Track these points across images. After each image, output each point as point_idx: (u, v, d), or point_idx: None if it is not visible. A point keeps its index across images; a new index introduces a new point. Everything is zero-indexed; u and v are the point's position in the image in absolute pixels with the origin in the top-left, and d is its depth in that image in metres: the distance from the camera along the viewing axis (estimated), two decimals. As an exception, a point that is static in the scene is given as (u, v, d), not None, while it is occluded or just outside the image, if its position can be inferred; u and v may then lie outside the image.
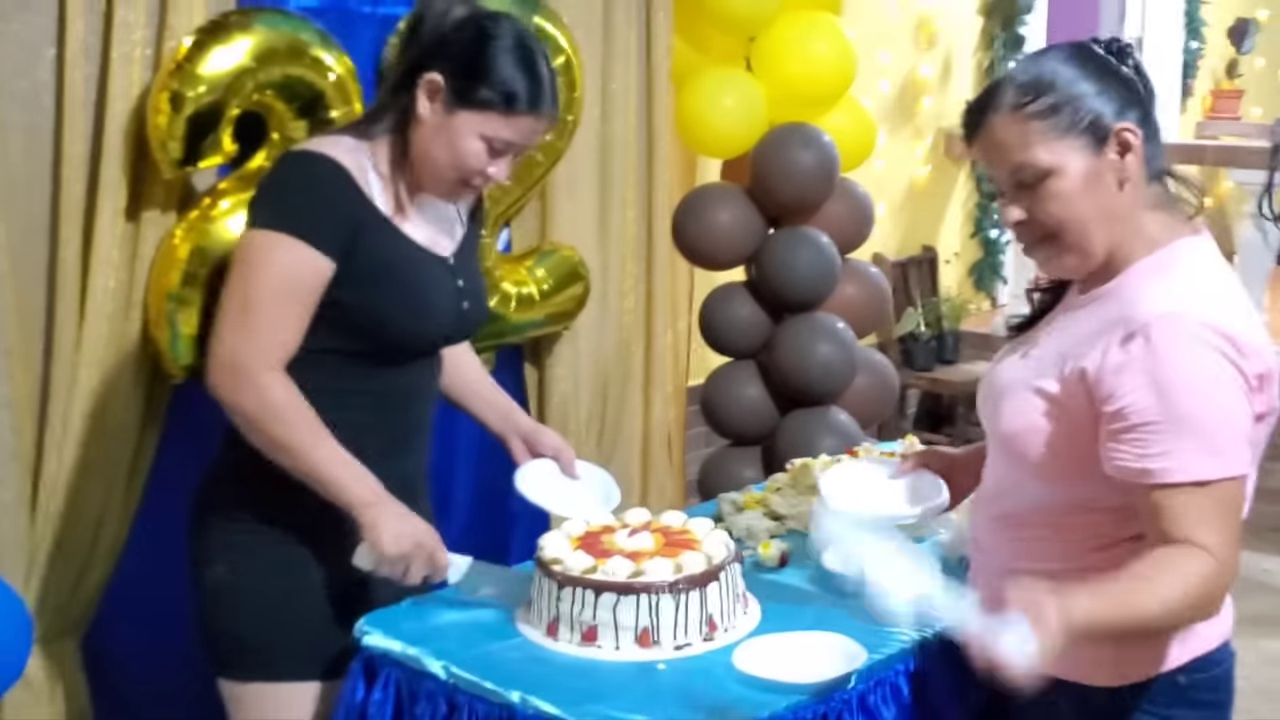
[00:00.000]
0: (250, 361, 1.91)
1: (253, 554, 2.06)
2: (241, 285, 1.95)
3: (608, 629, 1.90)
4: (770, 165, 3.52)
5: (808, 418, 3.59)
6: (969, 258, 6.51)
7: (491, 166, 2.00)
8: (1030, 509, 1.70)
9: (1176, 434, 1.52)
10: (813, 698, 1.77)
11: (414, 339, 2.08)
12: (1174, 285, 1.59)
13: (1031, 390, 1.66)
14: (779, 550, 2.25)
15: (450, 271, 2.10)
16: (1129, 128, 1.61)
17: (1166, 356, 1.53)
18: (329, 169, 1.96)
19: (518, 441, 2.31)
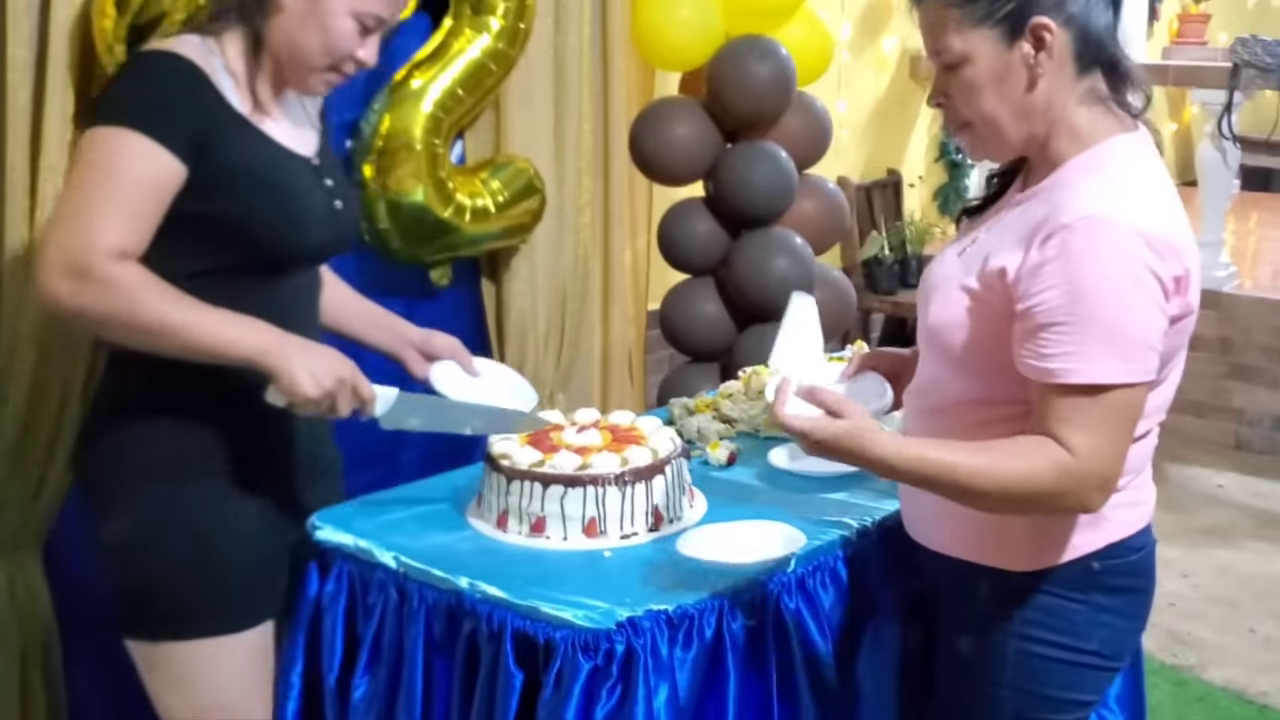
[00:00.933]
0: (86, 258, 1.73)
1: (161, 505, 1.92)
2: (80, 183, 1.79)
3: (555, 520, 1.94)
4: (727, 78, 3.52)
5: (765, 333, 3.59)
6: (933, 182, 6.53)
7: (362, 49, 1.91)
8: (953, 404, 1.72)
9: (1082, 335, 1.52)
10: (753, 579, 1.81)
11: (290, 244, 1.95)
12: (1099, 186, 1.57)
13: (958, 286, 1.67)
14: (727, 450, 2.29)
15: (316, 172, 2.00)
16: (1046, 24, 1.58)
17: (1080, 259, 1.52)
18: (178, 65, 1.84)
19: (411, 351, 2.21)
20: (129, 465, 1.93)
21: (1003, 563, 1.71)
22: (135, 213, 1.78)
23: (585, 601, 1.73)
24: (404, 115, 2.88)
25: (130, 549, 1.94)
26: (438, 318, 3.22)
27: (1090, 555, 1.69)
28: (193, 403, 1.91)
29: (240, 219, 1.87)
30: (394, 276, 3.10)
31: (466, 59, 2.93)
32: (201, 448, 1.94)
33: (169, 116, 1.81)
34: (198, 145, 1.82)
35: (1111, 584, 1.71)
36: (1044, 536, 1.68)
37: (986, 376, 1.66)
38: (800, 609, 1.83)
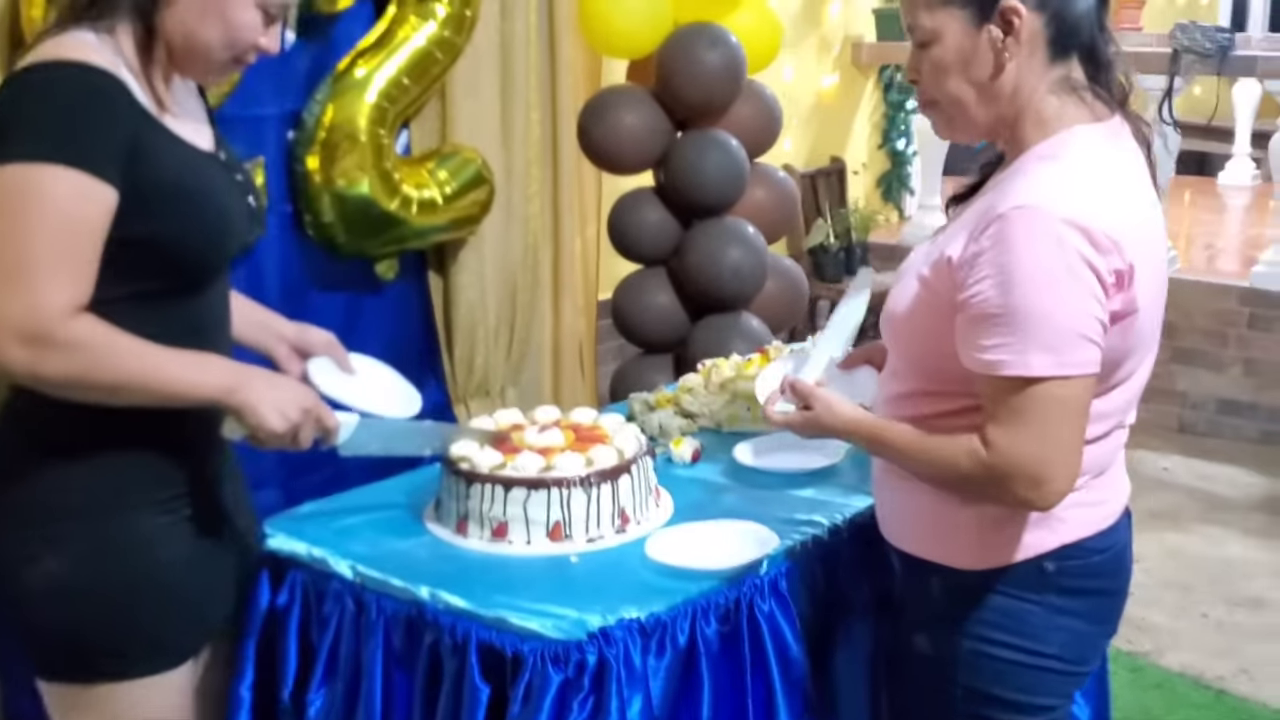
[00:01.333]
0: (43, 324, 1.55)
1: (85, 541, 1.72)
2: (8, 235, 1.55)
3: (518, 524, 1.87)
4: (676, 65, 3.46)
5: (719, 323, 3.57)
6: (876, 169, 6.52)
7: (264, 36, 1.73)
8: (906, 394, 1.69)
9: (1012, 328, 1.48)
10: (725, 583, 1.76)
11: (215, 259, 1.77)
12: (1045, 174, 1.53)
13: (915, 274, 1.64)
14: (691, 447, 2.23)
15: (226, 169, 1.81)
16: (1014, 8, 1.54)
17: (1013, 249, 1.48)
18: (95, 79, 1.60)
19: (282, 348, 2.00)
20: (47, 505, 1.72)
21: (953, 560, 1.66)
22: (80, 259, 1.59)
23: (553, 610, 1.66)
24: (348, 105, 2.80)
25: (53, 592, 1.73)
26: (384, 313, 3.16)
27: (1043, 556, 1.63)
28: (113, 436, 1.72)
29: (165, 240, 1.68)
30: (338, 271, 3.02)
31: (412, 47, 2.85)
32: (125, 482, 1.75)
33: (97, 142, 1.59)
34: (129, 166, 1.62)
35: (1069, 585, 1.65)
36: (993, 534, 1.63)
37: (931, 364, 1.63)
38: (774, 611, 1.78)
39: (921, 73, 1.62)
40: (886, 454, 1.67)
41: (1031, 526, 1.61)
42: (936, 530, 1.67)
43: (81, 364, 1.59)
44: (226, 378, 1.69)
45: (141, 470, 1.75)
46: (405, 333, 3.24)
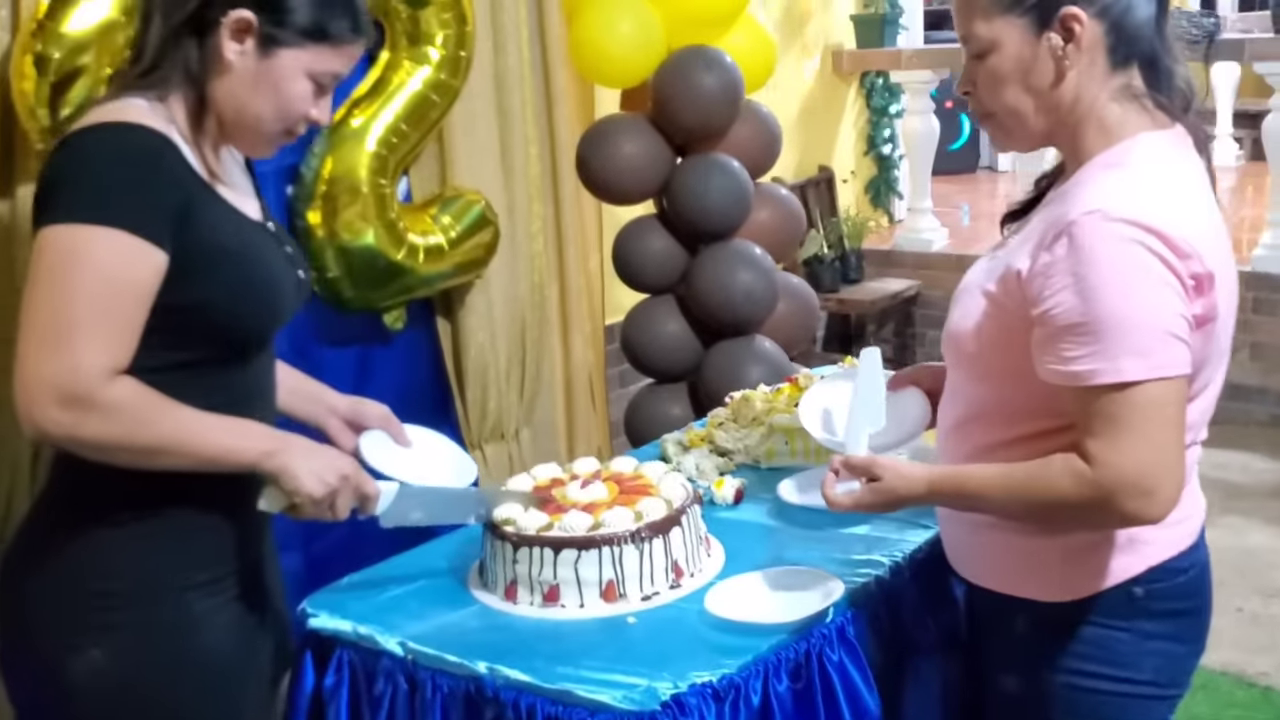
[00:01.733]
0: (83, 387, 1.52)
1: (132, 628, 1.67)
2: (53, 296, 1.53)
3: (570, 586, 1.80)
4: (673, 90, 3.40)
5: (733, 348, 3.51)
6: (864, 175, 6.49)
7: (315, 108, 1.72)
8: (974, 416, 1.65)
9: (1100, 335, 1.44)
10: (793, 636, 1.70)
11: (265, 329, 1.76)
12: (1114, 181, 1.50)
13: (979, 291, 1.60)
14: (733, 487, 2.18)
15: (275, 239, 1.80)
16: (1076, 14, 1.51)
17: (1088, 255, 1.45)
18: (149, 140, 1.60)
19: (335, 421, 1.96)
20: (95, 591, 1.66)
21: (1040, 594, 1.62)
22: (124, 322, 1.56)
23: (620, 679, 1.60)
24: (347, 156, 2.73)
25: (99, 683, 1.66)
26: (395, 363, 3.09)
27: (1131, 581, 1.59)
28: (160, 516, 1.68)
29: (218, 308, 1.66)
30: (346, 325, 2.95)
31: (408, 92, 2.79)
32: (173, 564, 1.70)
33: (147, 205, 1.57)
34: (179, 231, 1.59)
35: (1158, 609, 1.61)
36: (1079, 564, 1.59)
37: (1003, 384, 1.59)
38: (844, 660, 1.72)
39: (977, 84, 1.59)
40: (979, 505, 1.60)
41: (1118, 552, 1.58)
42: (1021, 564, 1.62)
43: (120, 427, 1.56)
44: (265, 442, 1.65)
45: (188, 552, 1.71)
46: (417, 382, 3.17)
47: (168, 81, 1.65)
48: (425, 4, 2.77)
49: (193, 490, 1.66)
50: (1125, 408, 1.45)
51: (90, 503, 1.66)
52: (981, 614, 1.73)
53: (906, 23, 6.39)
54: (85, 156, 1.58)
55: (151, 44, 1.67)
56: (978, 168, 8.37)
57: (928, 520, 1.93)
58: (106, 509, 1.66)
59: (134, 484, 1.63)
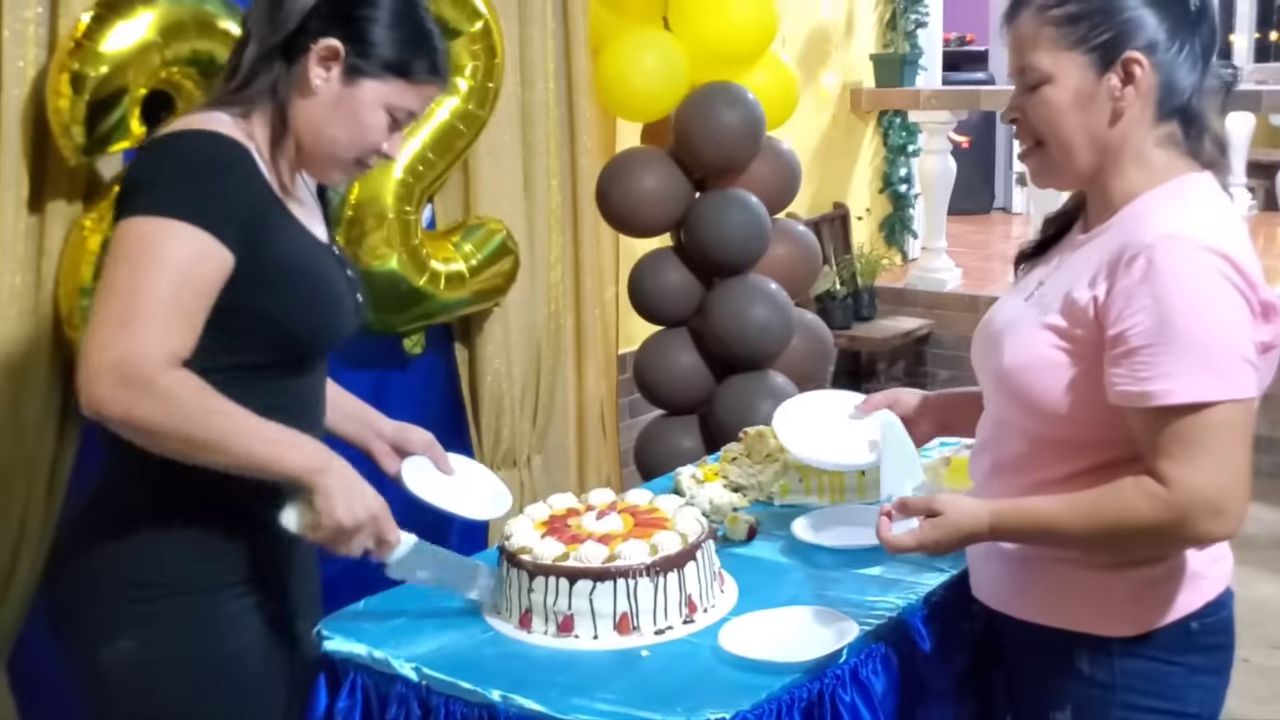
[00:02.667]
0: (143, 368, 1.59)
1: (164, 620, 1.74)
2: (127, 280, 1.62)
3: (584, 617, 1.82)
4: (694, 126, 3.43)
5: (745, 382, 3.53)
6: (879, 213, 6.52)
7: (387, 142, 1.80)
8: (1028, 454, 1.68)
9: (1178, 354, 1.49)
10: (806, 675, 1.70)
11: (325, 341, 1.84)
12: (1179, 211, 1.57)
13: (1037, 325, 1.64)
14: (746, 523, 2.19)
15: (339, 262, 1.89)
16: (1138, 59, 1.58)
17: (1167, 277, 1.50)
18: (228, 148, 1.70)
19: (380, 444, 2.05)
20: (134, 583, 1.74)
21: (1104, 629, 1.65)
22: (189, 313, 1.63)
23: (634, 713, 1.61)
24: (374, 183, 2.76)
25: (128, 671, 1.74)
26: (412, 387, 3.11)
27: (1190, 616, 1.65)
28: (202, 517, 1.75)
29: (281, 313, 1.74)
30: (365, 347, 2.96)
31: (435, 122, 2.82)
32: (211, 563, 1.77)
33: (222, 205, 1.66)
34: (249, 235, 1.68)
35: (1208, 643, 1.67)
36: (1144, 599, 1.64)
37: (1068, 417, 1.62)
38: (856, 702, 1.72)
39: (1027, 113, 1.64)
40: (1047, 534, 1.61)
41: (1180, 588, 1.63)
42: (1087, 600, 1.65)
43: (173, 414, 1.61)
44: (315, 458, 1.69)
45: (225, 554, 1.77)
46: (433, 405, 3.19)
47: (254, 100, 1.74)
48: (456, 35, 2.81)
49: (234, 495, 1.71)
50: (1198, 429, 1.49)
51: (135, 498, 1.74)
52: (1028, 650, 1.75)
53: (926, 63, 6.45)
54: (170, 157, 1.69)
55: (246, 64, 1.76)
56: (992, 208, 8.40)
57: (943, 563, 1.95)
58: (150, 505, 1.73)
59: (178, 485, 1.69)
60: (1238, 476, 1.51)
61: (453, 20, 2.79)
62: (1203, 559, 1.65)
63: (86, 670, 1.78)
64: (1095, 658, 1.65)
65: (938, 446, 2.43)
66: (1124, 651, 1.64)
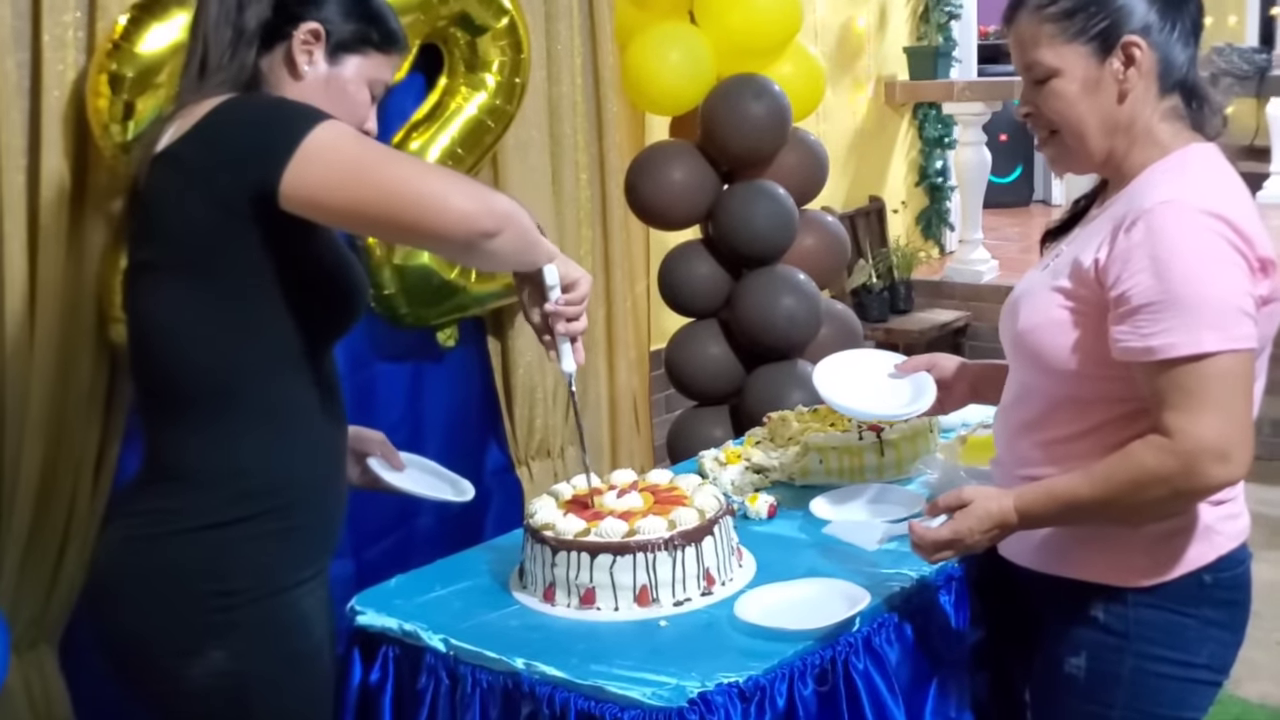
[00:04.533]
0: (490, 199, 1.63)
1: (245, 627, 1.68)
2: (382, 160, 1.60)
3: (605, 590, 1.87)
4: (721, 118, 3.47)
5: (775, 372, 3.56)
6: (915, 206, 6.52)
7: (370, 119, 1.80)
8: (1046, 413, 1.75)
9: (1177, 310, 1.57)
10: (819, 643, 1.75)
11: (356, 305, 1.84)
12: (1179, 179, 1.65)
13: (1048, 289, 1.72)
14: (767, 503, 2.23)
15: (349, 241, 1.92)
16: (1136, 41, 1.66)
17: (1165, 238, 1.58)
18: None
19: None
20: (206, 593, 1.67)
21: (1119, 580, 1.71)
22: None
23: (650, 677, 1.66)
24: (405, 177, 2.82)
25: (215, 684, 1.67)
26: (447, 380, 3.19)
27: (1203, 569, 1.70)
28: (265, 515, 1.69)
29: (331, 266, 1.76)
30: (399, 340, 3.04)
31: (464, 117, 2.89)
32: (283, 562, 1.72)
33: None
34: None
35: (1221, 597, 1.72)
36: (1159, 551, 1.70)
37: (1079, 374, 1.69)
38: (869, 669, 1.77)
39: (1039, 105, 1.72)
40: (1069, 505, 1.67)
41: (1194, 540, 1.69)
42: (1104, 551, 1.72)
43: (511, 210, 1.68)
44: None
45: (292, 549, 1.72)
46: (467, 398, 3.26)
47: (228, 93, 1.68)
48: (483, 31, 2.87)
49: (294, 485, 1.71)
50: (1201, 379, 1.56)
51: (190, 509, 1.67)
52: (1047, 601, 1.80)
53: (960, 55, 6.44)
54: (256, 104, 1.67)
55: (215, 52, 1.71)
56: (1031, 201, 8.37)
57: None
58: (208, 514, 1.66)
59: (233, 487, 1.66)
60: (1240, 422, 1.57)
61: (479, 17, 2.86)
62: (1216, 514, 1.70)
63: (177, 694, 1.69)
64: (1110, 607, 1.71)
65: (959, 427, 2.47)
66: (1138, 601, 1.70)
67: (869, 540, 1.96)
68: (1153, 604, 1.70)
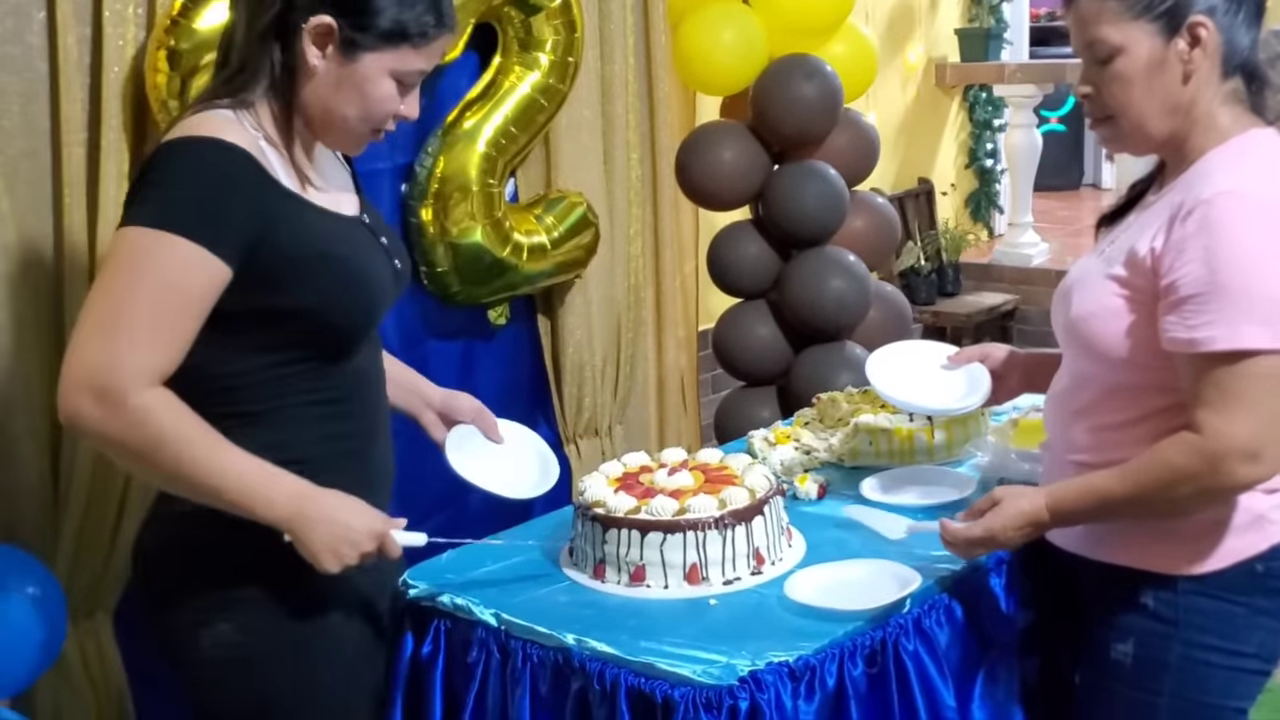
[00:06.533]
0: (119, 382, 1.56)
1: (260, 603, 1.76)
2: (112, 291, 1.59)
3: (655, 568, 1.88)
4: (772, 99, 3.47)
5: (823, 354, 3.56)
6: (964, 189, 6.48)
7: (403, 105, 1.75)
8: (1098, 400, 1.74)
9: (1222, 302, 1.55)
10: (869, 623, 1.75)
11: (362, 324, 1.81)
12: (1239, 167, 1.62)
13: (1103, 276, 1.71)
14: (817, 483, 2.23)
15: (371, 232, 1.85)
16: (1203, 22, 1.63)
17: (1220, 230, 1.56)
18: (231, 157, 1.65)
19: (430, 414, 2.05)
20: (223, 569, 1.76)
21: (1168, 568, 1.70)
22: (176, 330, 1.61)
23: (700, 655, 1.67)
24: (458, 156, 2.85)
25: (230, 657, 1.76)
26: (497, 358, 3.20)
27: (1255, 558, 1.69)
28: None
29: (312, 310, 1.72)
30: (451, 318, 3.06)
31: (518, 96, 2.90)
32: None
33: (220, 218, 1.62)
34: (253, 244, 1.65)
35: (1272, 586, 1.71)
36: (1209, 540, 1.68)
37: (1132, 363, 1.68)
38: (919, 651, 1.77)
39: (1099, 87, 1.69)
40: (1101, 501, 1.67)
41: (1246, 530, 1.68)
42: (1154, 539, 1.70)
43: (145, 437, 1.59)
44: (285, 506, 1.66)
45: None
46: (517, 376, 3.27)
47: (253, 88, 1.71)
48: (537, 10, 2.88)
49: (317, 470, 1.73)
50: (1238, 377, 1.55)
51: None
52: (1096, 587, 1.79)
53: (1011, 37, 6.38)
54: (170, 167, 1.65)
55: (237, 50, 1.72)
56: (1081, 184, 8.29)
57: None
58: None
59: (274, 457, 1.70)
60: (1275, 424, 1.56)
61: (533, -5, 2.87)
62: (1269, 503, 1.68)
63: (188, 658, 1.79)
64: (1160, 594, 1.70)
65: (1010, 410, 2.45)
66: (1189, 589, 1.69)
67: (893, 530, 1.96)
68: (1203, 592, 1.69)
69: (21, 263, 2.32)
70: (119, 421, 1.58)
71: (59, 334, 2.39)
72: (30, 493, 2.38)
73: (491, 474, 2.02)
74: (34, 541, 2.35)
